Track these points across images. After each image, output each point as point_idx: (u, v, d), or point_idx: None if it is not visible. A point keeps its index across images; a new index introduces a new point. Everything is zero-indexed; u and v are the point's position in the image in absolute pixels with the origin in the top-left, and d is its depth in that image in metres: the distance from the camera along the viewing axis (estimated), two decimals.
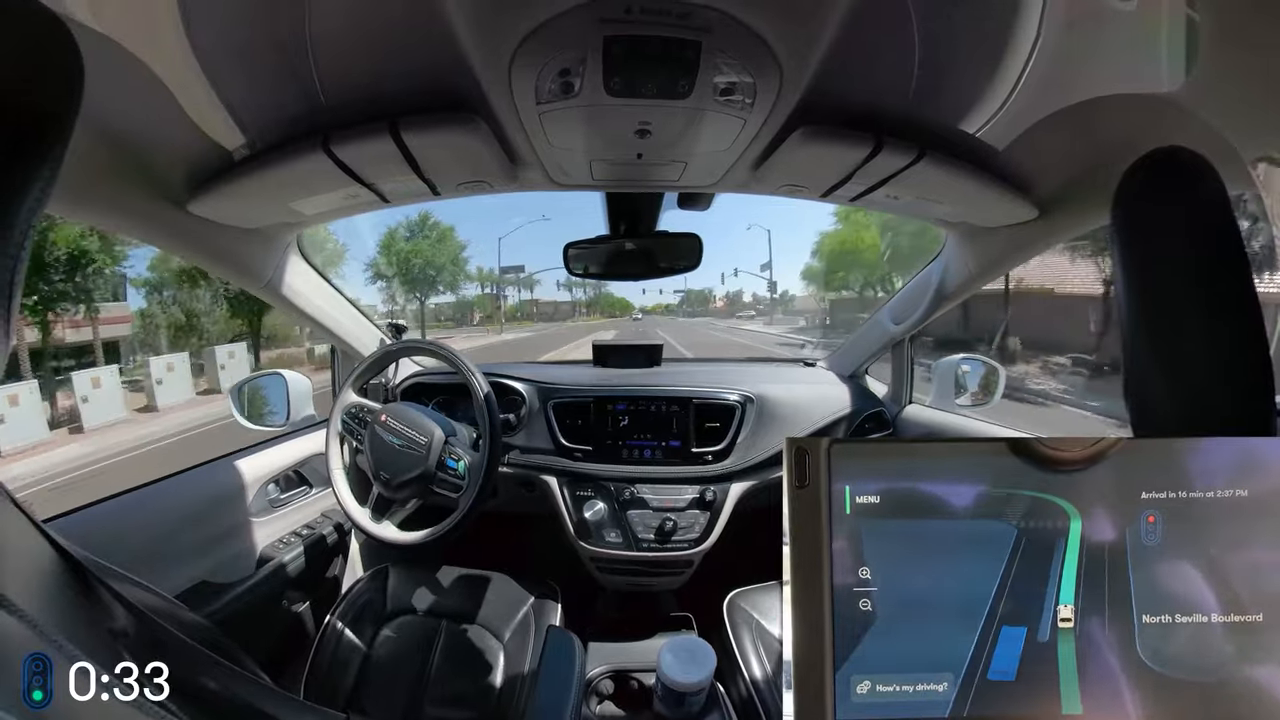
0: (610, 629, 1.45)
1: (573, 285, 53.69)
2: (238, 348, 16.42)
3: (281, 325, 18.65)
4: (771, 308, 43.76)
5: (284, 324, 18.21)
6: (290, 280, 1.30)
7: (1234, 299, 0.40)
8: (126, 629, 0.38)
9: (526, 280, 48.95)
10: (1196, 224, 0.41)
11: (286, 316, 1.44)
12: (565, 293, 56.36)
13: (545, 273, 50.54)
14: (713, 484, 1.45)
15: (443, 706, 1.12)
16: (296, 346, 19.17)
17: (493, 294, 45.02)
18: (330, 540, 1.51)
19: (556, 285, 54.14)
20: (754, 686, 1.08)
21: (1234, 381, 0.40)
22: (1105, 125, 0.77)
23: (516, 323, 46.78)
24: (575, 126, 0.83)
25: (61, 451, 10.33)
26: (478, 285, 41.64)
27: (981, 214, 1.11)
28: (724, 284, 60.77)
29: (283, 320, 17.11)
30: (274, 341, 19.18)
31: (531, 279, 50.51)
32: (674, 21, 0.60)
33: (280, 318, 16.43)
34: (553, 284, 54.01)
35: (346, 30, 0.67)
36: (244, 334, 17.80)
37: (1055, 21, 0.64)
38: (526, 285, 50.46)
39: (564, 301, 57.32)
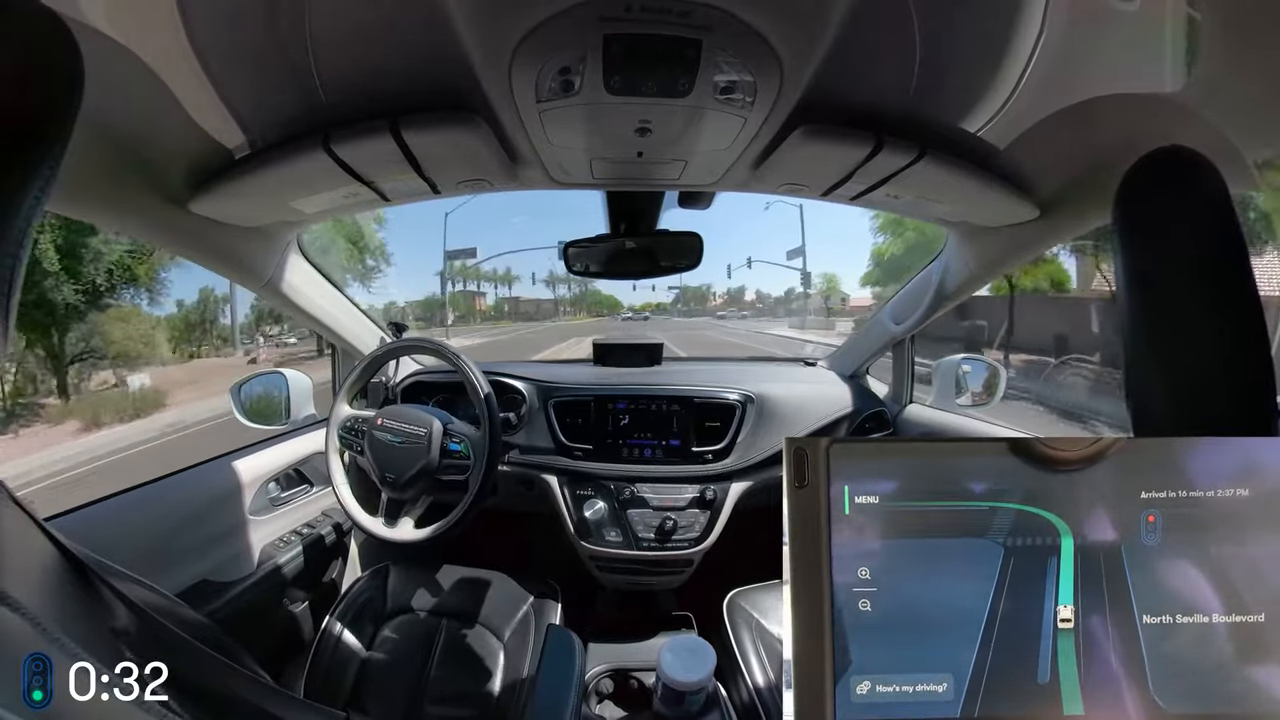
0: (610, 628, 1.45)
1: (555, 282, 50.63)
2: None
3: (129, 339, 12.82)
4: (803, 305, 34.75)
5: (135, 336, 12.93)
6: (290, 279, 1.30)
7: (1235, 299, 0.40)
8: (127, 628, 0.38)
9: (474, 271, 43.99)
10: (1198, 223, 0.41)
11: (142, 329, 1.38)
12: (546, 290, 52.35)
13: (500, 258, 46.63)
14: (713, 483, 1.44)
15: (443, 705, 1.13)
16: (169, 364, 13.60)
17: (467, 291, 42.28)
18: (330, 540, 1.51)
19: (533, 280, 50.67)
20: (754, 686, 1.08)
21: (1234, 381, 0.40)
22: (1106, 125, 0.76)
23: (492, 323, 43.55)
24: (575, 125, 0.83)
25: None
26: (443, 281, 38.16)
27: (982, 213, 1.11)
28: (731, 277, 54.31)
29: (133, 332, 12.82)
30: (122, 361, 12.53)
31: (509, 275, 46.89)
32: (674, 20, 0.60)
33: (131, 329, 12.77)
34: (529, 279, 50.53)
35: (347, 29, 0.67)
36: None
37: (1057, 21, 0.64)
38: (493, 280, 46.23)
39: (545, 299, 53.01)
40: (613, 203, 1.24)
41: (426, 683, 1.16)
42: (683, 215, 1.28)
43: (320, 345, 15.77)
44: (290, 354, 18.12)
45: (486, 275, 45.41)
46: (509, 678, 1.17)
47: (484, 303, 46.17)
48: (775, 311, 43.67)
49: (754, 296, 54.61)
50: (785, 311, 40.09)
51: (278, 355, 18.42)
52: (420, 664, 1.19)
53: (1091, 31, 0.65)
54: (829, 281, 37.00)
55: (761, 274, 66.35)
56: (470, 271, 43.20)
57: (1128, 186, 0.44)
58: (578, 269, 1.35)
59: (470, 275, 43.63)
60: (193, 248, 1.08)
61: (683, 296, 59.42)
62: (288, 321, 17.91)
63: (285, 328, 19.38)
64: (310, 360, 15.30)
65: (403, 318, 14.95)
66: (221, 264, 1.16)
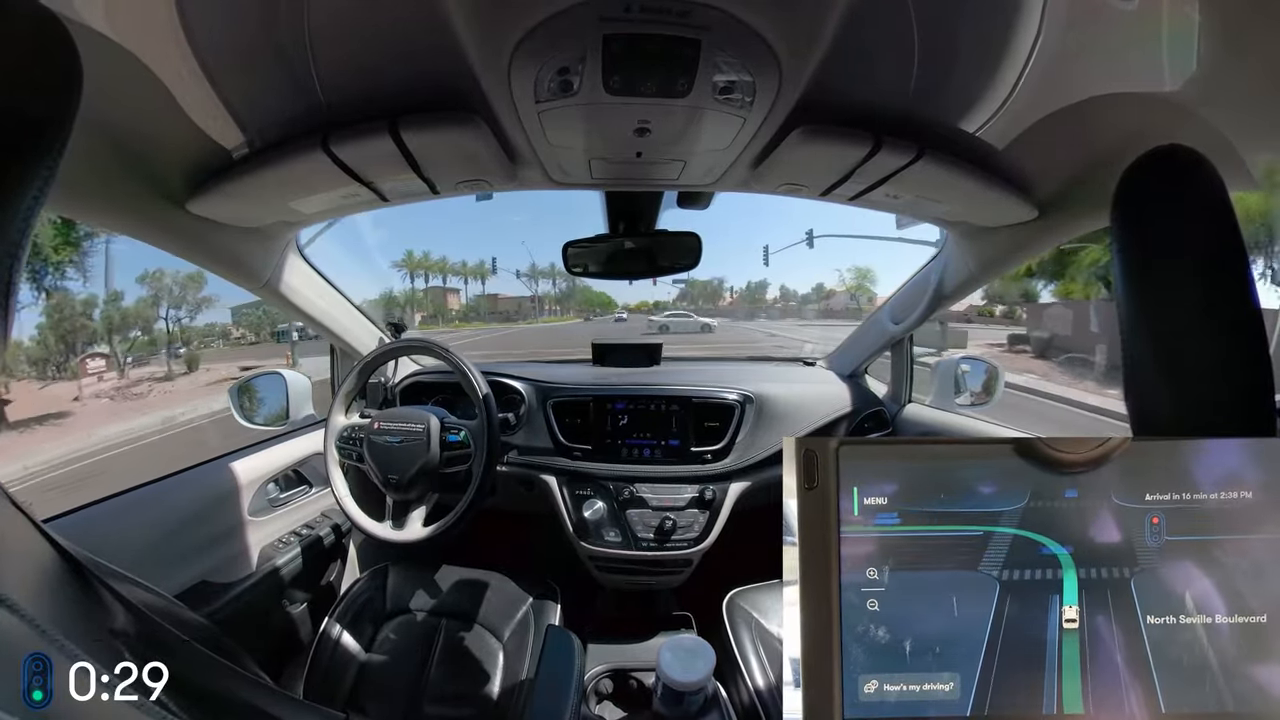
0: (610, 628, 1.46)
1: (539, 277, 43.84)
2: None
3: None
4: (849, 305, 27.39)
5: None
6: (289, 279, 1.30)
7: (1234, 298, 0.40)
8: (127, 629, 0.38)
9: (439, 264, 38.37)
10: (1196, 223, 0.41)
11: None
12: (524, 286, 44.83)
13: (474, 249, 39.70)
14: (712, 483, 1.45)
15: (442, 706, 1.12)
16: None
17: (432, 288, 36.61)
18: (329, 541, 1.50)
19: (515, 275, 44.53)
20: (753, 686, 1.08)
21: (1234, 381, 0.40)
22: (1105, 125, 0.76)
23: (465, 324, 37.53)
24: (574, 125, 0.83)
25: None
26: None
27: (981, 214, 1.11)
28: (768, 264, 45.62)
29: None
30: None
31: (483, 268, 39.88)
32: (673, 20, 0.60)
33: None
34: (510, 275, 44.36)
35: (345, 29, 0.67)
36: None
37: (1055, 21, 0.64)
38: (463, 273, 39.47)
39: (527, 297, 45.13)
40: (612, 203, 1.24)
41: (426, 683, 1.16)
42: (682, 215, 1.28)
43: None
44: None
45: (454, 269, 39.34)
46: (508, 678, 1.17)
47: (458, 300, 40.34)
48: (803, 313, 37.71)
49: (779, 293, 46.88)
50: (814, 313, 34.43)
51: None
52: (419, 664, 1.19)
53: (1090, 31, 0.65)
54: (859, 277, 33.11)
55: (784, 268, 59.71)
56: (436, 265, 37.97)
57: (1126, 186, 0.44)
58: (577, 269, 1.35)
59: (435, 269, 38.10)
60: (191, 248, 1.07)
61: (690, 293, 49.47)
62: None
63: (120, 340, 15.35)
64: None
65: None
66: (219, 264, 1.15)
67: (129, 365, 15.55)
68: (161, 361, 16.53)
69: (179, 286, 18.63)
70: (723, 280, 50.70)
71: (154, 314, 17.86)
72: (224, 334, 23.12)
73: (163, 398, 13.31)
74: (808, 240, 25.55)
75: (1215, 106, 0.64)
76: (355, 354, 1.56)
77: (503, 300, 43.96)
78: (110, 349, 15.63)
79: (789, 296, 45.12)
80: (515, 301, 44.79)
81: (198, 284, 18.95)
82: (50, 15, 0.29)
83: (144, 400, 13.41)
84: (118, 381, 14.62)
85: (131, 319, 16.77)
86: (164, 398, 13.31)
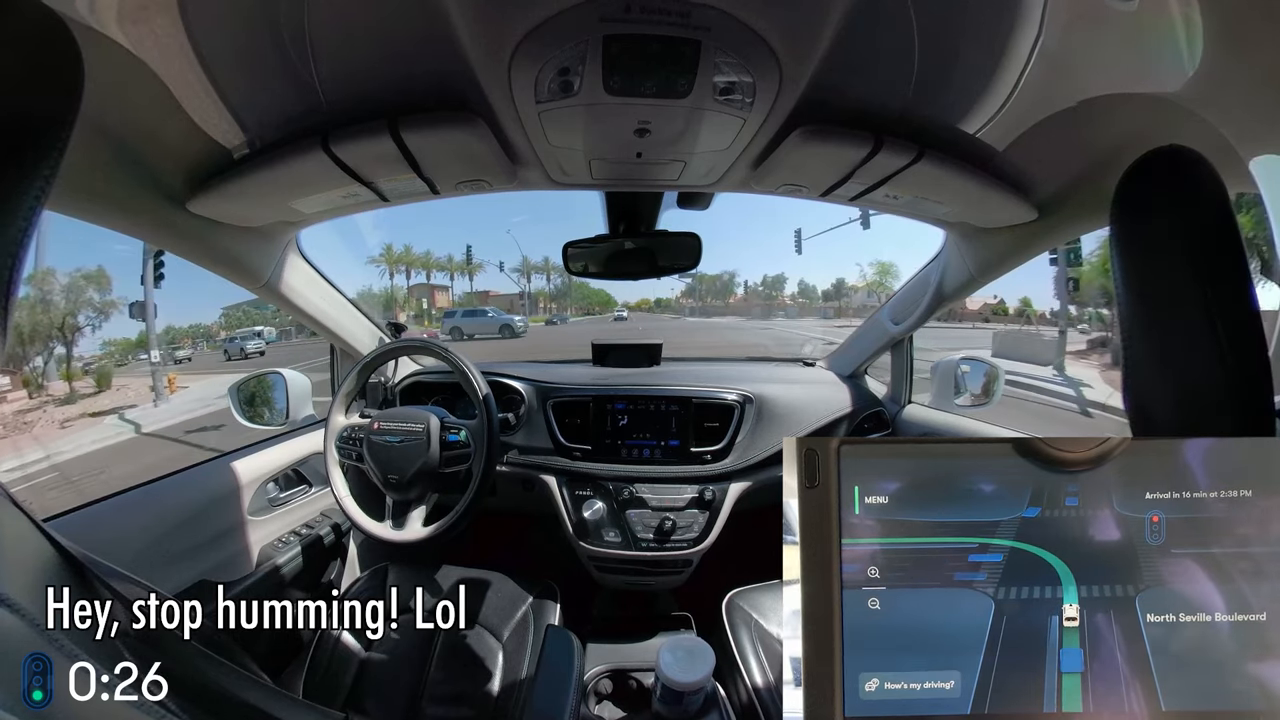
0: (609, 628, 1.45)
1: (531, 272, 39.38)
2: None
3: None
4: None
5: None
6: (289, 279, 1.30)
7: (1233, 298, 0.40)
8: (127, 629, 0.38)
9: (423, 259, 33.73)
10: (1196, 223, 0.41)
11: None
12: (514, 283, 39.34)
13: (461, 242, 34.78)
14: (712, 483, 1.44)
15: (442, 705, 1.12)
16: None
17: (417, 285, 33.48)
18: (329, 540, 1.50)
19: (501, 268, 39.99)
20: (753, 686, 1.08)
21: (1233, 381, 0.40)
22: (1104, 126, 0.76)
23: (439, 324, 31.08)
24: (574, 125, 0.83)
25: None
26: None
27: (981, 214, 1.11)
28: (800, 252, 33.26)
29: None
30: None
31: (471, 263, 35.53)
32: (674, 20, 0.60)
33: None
34: (495, 269, 40.01)
35: (346, 29, 0.67)
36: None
37: (1055, 22, 0.64)
38: (449, 268, 35.03)
39: (516, 294, 39.81)
40: (612, 203, 1.25)
41: (425, 683, 1.16)
42: (682, 216, 1.28)
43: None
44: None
45: (440, 264, 35.62)
46: (508, 678, 1.17)
47: (447, 297, 36.87)
48: (824, 311, 33.74)
49: (797, 290, 40.80)
50: (835, 311, 30.45)
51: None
52: (419, 664, 1.19)
53: (1089, 32, 0.65)
54: (880, 271, 29.08)
55: (804, 261, 51.96)
56: (419, 260, 34.83)
57: (1126, 186, 0.44)
58: (577, 269, 1.35)
59: (418, 264, 34.88)
60: (191, 248, 1.07)
61: (698, 289, 43.33)
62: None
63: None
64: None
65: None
66: (220, 264, 1.15)
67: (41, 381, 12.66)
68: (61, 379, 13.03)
69: (71, 290, 14.68)
70: (734, 274, 44.22)
71: (46, 319, 13.90)
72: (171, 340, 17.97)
73: (48, 428, 10.50)
74: (862, 221, 19.53)
75: (1215, 107, 0.64)
76: (355, 353, 1.56)
77: (494, 297, 40.60)
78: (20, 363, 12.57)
79: (808, 293, 39.89)
80: (507, 299, 40.97)
81: (100, 284, 15.02)
82: (54, 16, 0.30)
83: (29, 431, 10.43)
84: (21, 405, 11.71)
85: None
86: (48, 428, 10.43)
